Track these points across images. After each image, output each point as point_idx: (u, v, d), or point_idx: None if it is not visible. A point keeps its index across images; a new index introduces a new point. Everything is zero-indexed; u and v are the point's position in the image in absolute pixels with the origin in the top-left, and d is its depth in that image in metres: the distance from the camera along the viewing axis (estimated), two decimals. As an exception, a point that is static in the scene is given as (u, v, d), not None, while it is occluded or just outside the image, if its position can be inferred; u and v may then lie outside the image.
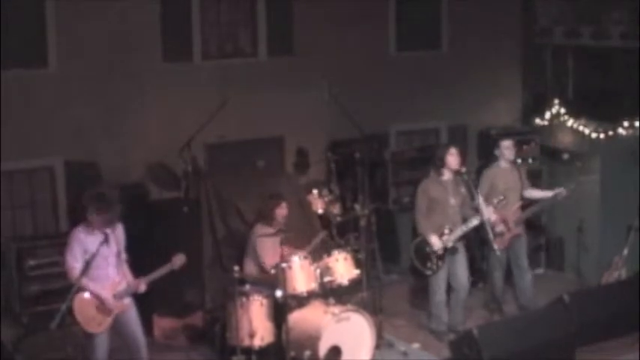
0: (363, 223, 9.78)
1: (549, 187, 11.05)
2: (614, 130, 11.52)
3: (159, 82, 11.60)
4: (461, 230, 9.52)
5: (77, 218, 8.11)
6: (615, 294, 9.78)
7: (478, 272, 10.87)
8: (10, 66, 10.61)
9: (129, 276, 8.05)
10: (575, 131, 11.95)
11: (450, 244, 9.50)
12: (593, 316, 9.25)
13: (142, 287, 7.99)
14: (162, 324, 9.78)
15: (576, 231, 11.05)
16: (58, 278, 9.43)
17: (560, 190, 10.09)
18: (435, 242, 9.46)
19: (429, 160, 10.20)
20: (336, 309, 8.84)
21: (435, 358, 9.35)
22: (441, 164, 9.56)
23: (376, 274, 9.99)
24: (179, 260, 8.03)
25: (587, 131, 11.76)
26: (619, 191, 11.17)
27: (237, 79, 11.84)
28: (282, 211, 9.33)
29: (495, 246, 9.38)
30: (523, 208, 10.23)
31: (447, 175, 9.59)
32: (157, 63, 11.67)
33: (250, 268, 9.33)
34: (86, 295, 7.75)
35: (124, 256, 8.03)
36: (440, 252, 9.50)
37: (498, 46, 13.67)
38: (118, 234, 7.96)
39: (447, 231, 9.48)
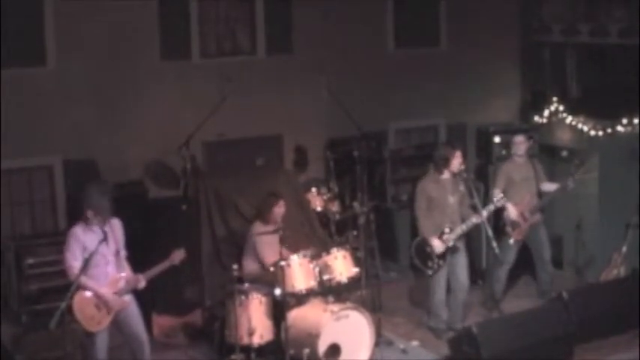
0: (362, 221, 9.77)
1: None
2: (613, 127, 11.52)
3: (157, 80, 11.60)
4: (460, 229, 9.51)
5: (76, 216, 8.10)
6: (614, 291, 9.79)
7: (477, 270, 10.92)
8: (9, 64, 10.60)
9: (129, 273, 8.05)
10: (574, 128, 11.94)
11: (450, 243, 9.50)
12: (592, 314, 9.27)
13: (142, 283, 7.98)
14: (162, 322, 9.78)
15: (575, 228, 11.04)
16: (57, 277, 9.43)
17: (569, 182, 10.21)
18: (437, 245, 9.45)
19: (427, 158, 10.19)
20: (335, 307, 8.84)
21: (434, 356, 9.36)
22: (443, 164, 9.53)
23: (375, 272, 10.00)
24: (178, 255, 8.03)
25: (585, 128, 11.75)
26: (618, 188, 11.17)
27: (235, 77, 11.83)
28: (279, 209, 9.32)
29: (495, 244, 9.36)
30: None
31: (446, 174, 9.57)
32: (155, 61, 11.67)
33: (249, 266, 9.33)
34: (86, 293, 7.75)
35: (123, 253, 8.03)
36: (441, 252, 9.50)
37: (497, 44, 13.67)
38: (117, 231, 7.96)
39: (447, 230, 9.46)
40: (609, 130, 11.50)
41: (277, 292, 8.75)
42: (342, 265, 9.18)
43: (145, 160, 11.48)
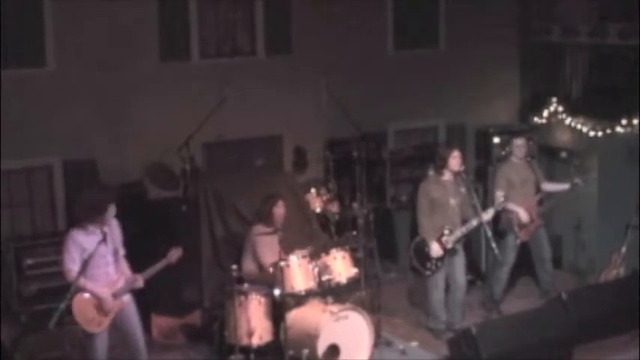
0: (361, 221, 9.77)
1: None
2: (612, 128, 11.52)
3: (157, 81, 11.61)
4: (460, 232, 9.52)
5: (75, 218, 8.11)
6: (614, 292, 9.78)
7: (477, 271, 10.93)
8: (9, 65, 10.61)
9: (127, 271, 8.06)
10: (573, 129, 11.94)
11: (449, 246, 9.50)
12: (591, 314, 9.25)
13: (140, 283, 7.98)
14: (161, 323, 9.77)
15: (574, 229, 11.06)
16: (56, 277, 9.39)
17: (578, 181, 10.21)
18: (435, 249, 9.47)
19: (427, 159, 10.20)
20: (335, 307, 8.84)
21: (433, 357, 9.36)
22: (442, 165, 9.55)
23: (374, 273, 9.99)
24: (175, 254, 8.02)
25: (585, 129, 11.75)
26: (617, 189, 11.17)
27: (235, 78, 11.84)
28: (279, 210, 9.32)
29: (494, 245, 9.36)
30: (539, 201, 10.43)
31: (447, 176, 9.58)
32: (155, 62, 11.67)
33: (249, 266, 9.32)
34: (85, 295, 7.74)
35: (121, 252, 8.04)
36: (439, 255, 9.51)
37: (496, 45, 13.66)
38: (114, 231, 7.96)
39: (446, 232, 9.47)
40: (609, 131, 11.50)
41: (276, 292, 8.75)
42: (341, 266, 9.17)
43: (145, 160, 11.47)
